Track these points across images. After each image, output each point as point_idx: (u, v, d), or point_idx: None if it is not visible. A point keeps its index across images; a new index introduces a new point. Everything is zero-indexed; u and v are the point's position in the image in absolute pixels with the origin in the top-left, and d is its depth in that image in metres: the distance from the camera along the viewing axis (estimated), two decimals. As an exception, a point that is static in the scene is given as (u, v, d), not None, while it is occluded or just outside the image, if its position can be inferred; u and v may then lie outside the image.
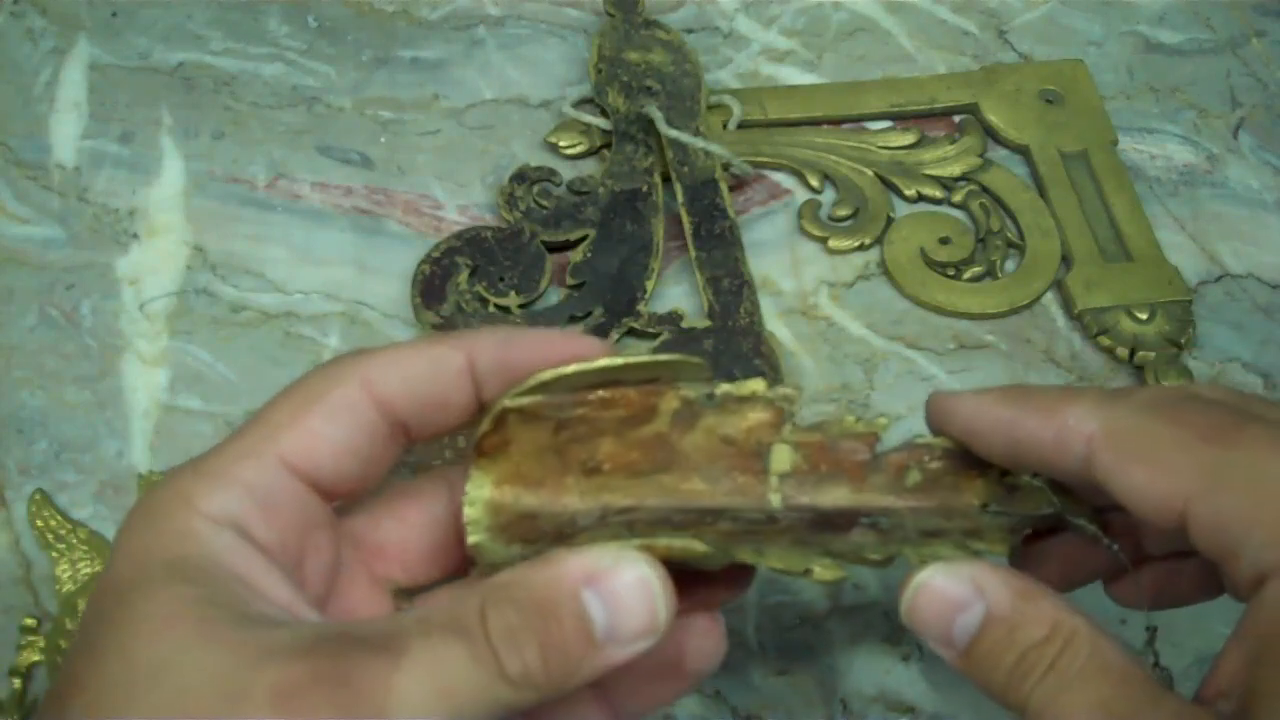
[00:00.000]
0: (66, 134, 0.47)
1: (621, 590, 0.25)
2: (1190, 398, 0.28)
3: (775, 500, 0.30)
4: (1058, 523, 0.31)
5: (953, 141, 0.49)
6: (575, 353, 0.28)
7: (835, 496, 0.31)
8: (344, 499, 0.28)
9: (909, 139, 0.49)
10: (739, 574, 0.29)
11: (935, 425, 0.31)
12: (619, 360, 0.28)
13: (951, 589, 0.27)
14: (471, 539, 0.28)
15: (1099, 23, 0.55)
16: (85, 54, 0.50)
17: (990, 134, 0.50)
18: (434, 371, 0.28)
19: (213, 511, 0.25)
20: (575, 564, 0.25)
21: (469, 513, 0.28)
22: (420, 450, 0.38)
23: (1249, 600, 0.26)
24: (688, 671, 0.28)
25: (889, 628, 0.37)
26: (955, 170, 0.49)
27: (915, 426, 0.33)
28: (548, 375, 0.28)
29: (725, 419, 0.30)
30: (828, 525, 0.31)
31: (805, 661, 0.37)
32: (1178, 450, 0.26)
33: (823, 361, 0.43)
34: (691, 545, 0.27)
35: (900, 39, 0.53)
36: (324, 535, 0.28)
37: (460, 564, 0.30)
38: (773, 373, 0.42)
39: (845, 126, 0.50)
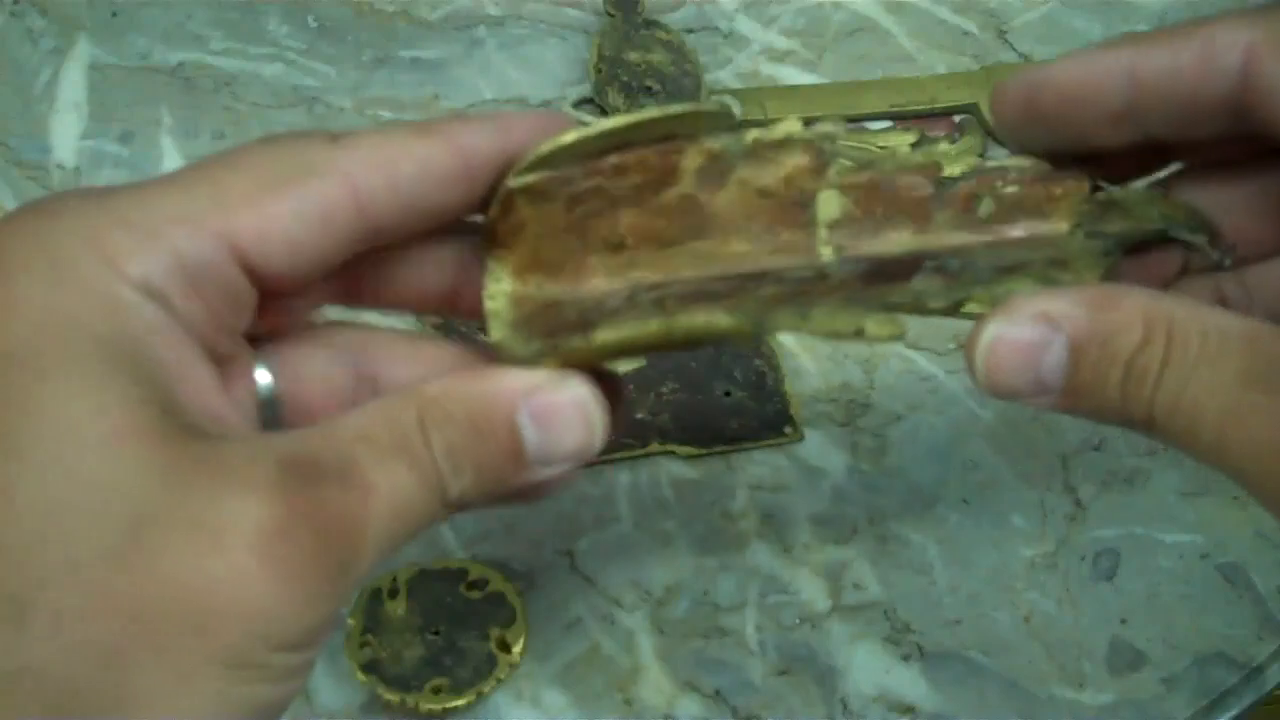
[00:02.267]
0: (66, 134, 0.47)
1: (556, 413, 0.24)
2: None
3: (827, 253, 0.27)
4: (1159, 237, 0.27)
5: (953, 141, 0.49)
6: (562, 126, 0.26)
7: (896, 241, 0.27)
8: (287, 289, 0.25)
9: (909, 139, 0.49)
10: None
11: (1013, 108, 0.27)
12: (624, 120, 0.25)
13: (1022, 334, 0.24)
14: (495, 335, 0.26)
15: (1099, 23, 0.55)
16: (85, 54, 0.50)
17: (990, 134, 0.50)
18: (422, 174, 0.24)
19: (138, 277, 0.22)
20: (511, 382, 0.24)
21: (490, 306, 0.26)
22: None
23: None
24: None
25: (889, 628, 0.37)
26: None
27: (914, 426, 0.33)
28: (546, 148, 0.25)
29: (760, 169, 0.27)
30: (887, 276, 0.27)
31: (805, 661, 0.37)
32: None
33: (823, 361, 0.43)
34: (714, 319, 0.25)
35: (900, 39, 0.53)
36: (238, 316, 0.24)
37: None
38: (773, 372, 0.42)
39: (845, 127, 0.50)
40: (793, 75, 0.52)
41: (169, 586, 0.20)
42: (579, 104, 0.49)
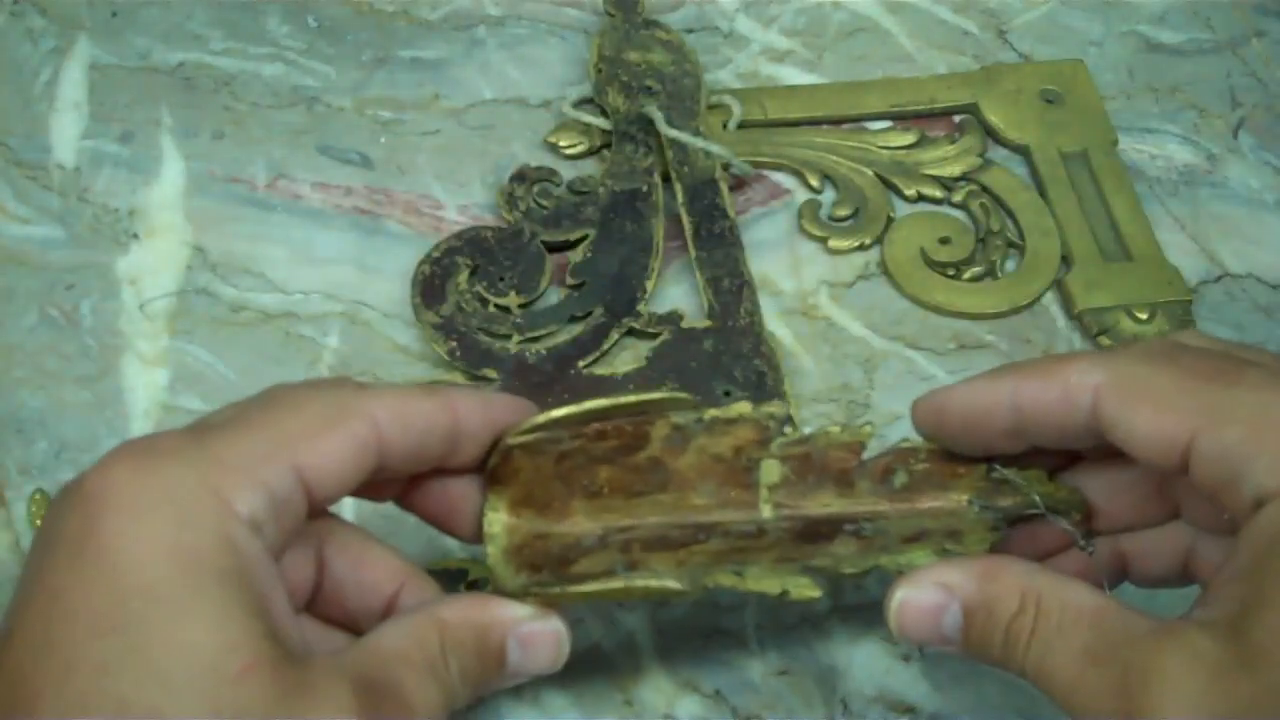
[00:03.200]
0: (66, 134, 0.47)
1: (537, 640, 0.30)
2: (1181, 347, 0.30)
3: (767, 510, 0.32)
4: (1039, 515, 0.32)
5: (953, 141, 0.49)
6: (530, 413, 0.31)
7: (823, 503, 0.32)
8: (317, 513, 0.29)
9: (909, 139, 0.49)
10: None
11: (926, 425, 0.32)
12: (605, 401, 0.31)
13: (925, 598, 0.30)
14: (490, 558, 0.31)
15: (1099, 23, 0.55)
16: (85, 54, 0.50)
17: (990, 134, 0.50)
18: (426, 428, 0.29)
19: (246, 515, 0.26)
20: (509, 613, 0.30)
21: (489, 531, 0.31)
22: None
23: (1245, 524, 0.27)
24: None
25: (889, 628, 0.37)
26: (955, 170, 0.49)
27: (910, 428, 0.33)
28: (541, 418, 0.31)
29: (715, 439, 0.32)
30: (814, 535, 0.32)
31: (805, 661, 0.37)
32: (1182, 392, 0.28)
33: (823, 361, 0.43)
34: (667, 586, 0.30)
35: (900, 39, 0.53)
36: (298, 540, 0.29)
37: None
38: (773, 372, 0.42)
39: (845, 126, 0.50)
40: (793, 75, 0.52)
41: None
42: (579, 104, 0.49)
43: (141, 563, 0.25)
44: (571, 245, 0.45)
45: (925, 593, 0.30)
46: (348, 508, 0.37)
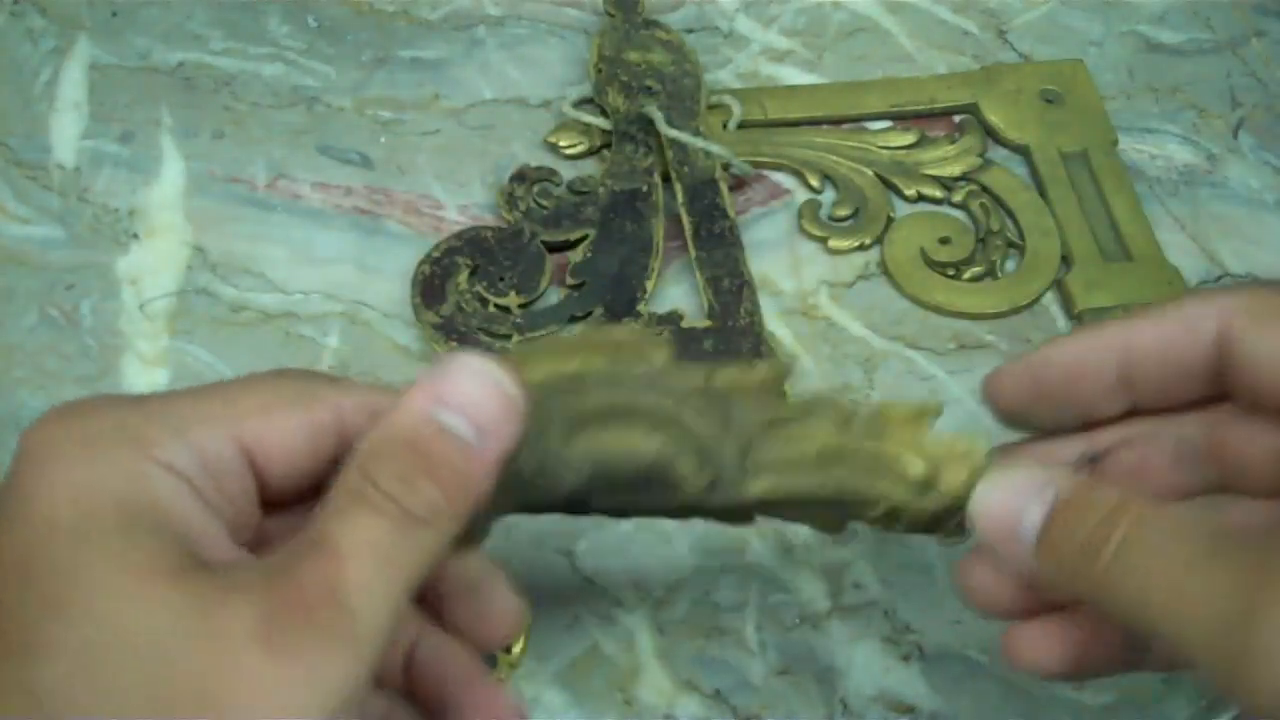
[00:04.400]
0: (66, 134, 0.47)
1: (464, 391, 0.26)
2: None
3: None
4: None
5: (953, 141, 0.49)
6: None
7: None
8: (272, 497, 0.28)
9: (909, 139, 0.49)
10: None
11: (1016, 395, 0.30)
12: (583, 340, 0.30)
13: (1014, 489, 0.28)
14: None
15: (1099, 23, 0.55)
16: (85, 54, 0.50)
17: (990, 134, 0.50)
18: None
19: (163, 459, 0.25)
20: (419, 392, 0.26)
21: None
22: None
23: None
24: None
25: (889, 628, 0.37)
26: (955, 170, 0.49)
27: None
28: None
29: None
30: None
31: (805, 661, 0.37)
32: None
33: (823, 361, 0.43)
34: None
35: (900, 39, 0.53)
36: (252, 520, 0.27)
37: None
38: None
39: (845, 126, 0.50)
40: (793, 75, 0.52)
41: (193, 694, 0.22)
42: (579, 104, 0.49)
43: (49, 502, 0.24)
44: (571, 245, 0.45)
45: (1015, 483, 0.28)
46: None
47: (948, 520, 0.30)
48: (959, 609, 0.38)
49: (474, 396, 0.26)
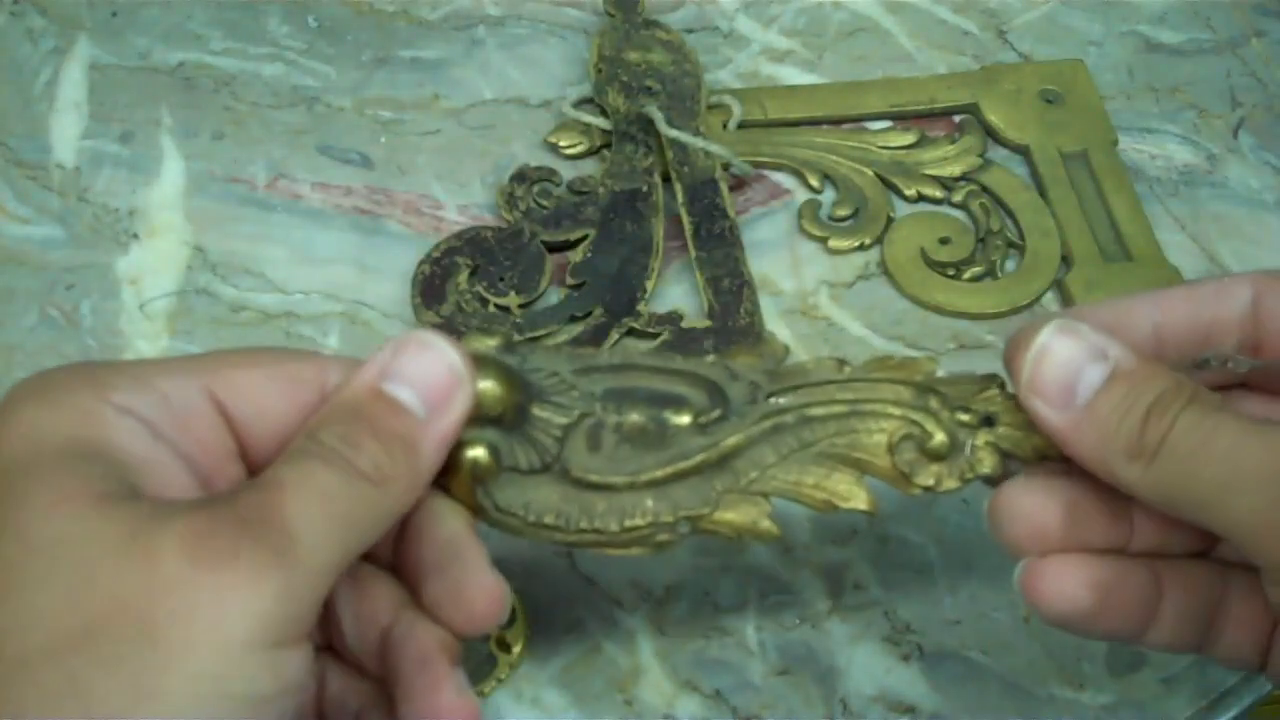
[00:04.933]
0: (66, 134, 0.47)
1: (408, 362, 0.27)
2: None
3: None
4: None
5: (953, 141, 0.49)
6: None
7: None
8: (252, 450, 0.28)
9: (909, 139, 0.49)
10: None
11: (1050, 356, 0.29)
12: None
13: (1077, 344, 0.28)
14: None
15: (1099, 23, 0.55)
16: (85, 54, 0.50)
17: (990, 134, 0.50)
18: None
19: (122, 403, 0.25)
20: (367, 367, 0.27)
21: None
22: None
23: None
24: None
25: (889, 628, 0.37)
26: (955, 170, 0.49)
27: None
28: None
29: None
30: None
31: (805, 661, 0.37)
32: None
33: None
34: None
35: (900, 39, 0.53)
36: (231, 466, 0.27)
37: None
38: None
39: (845, 126, 0.50)
40: (793, 75, 0.52)
41: (117, 609, 0.22)
42: (579, 104, 0.49)
43: (6, 442, 0.24)
44: (571, 245, 0.45)
45: (1077, 340, 0.28)
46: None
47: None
48: (959, 609, 0.38)
49: (423, 371, 0.27)
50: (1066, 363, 0.28)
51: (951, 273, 0.46)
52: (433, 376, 0.27)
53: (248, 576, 0.23)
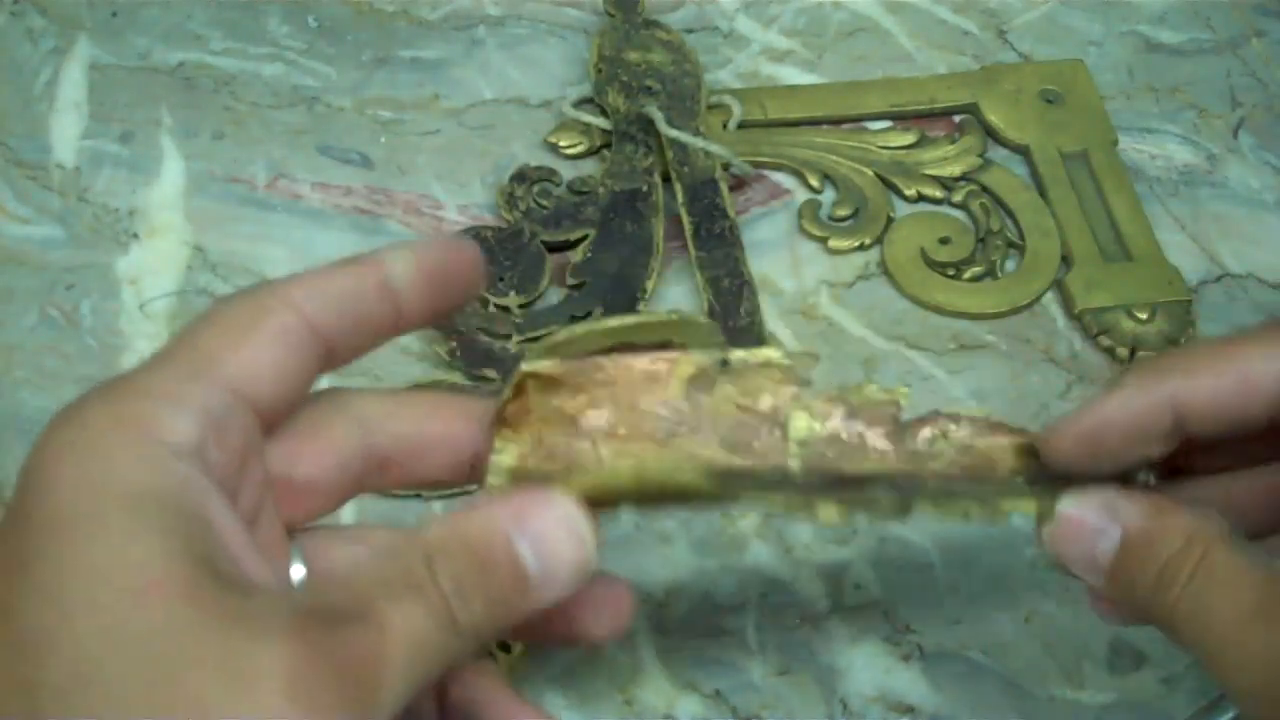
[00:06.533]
0: (66, 134, 0.47)
1: (548, 533, 0.26)
2: None
3: (794, 465, 0.30)
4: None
5: (953, 141, 0.49)
6: (473, 257, 0.29)
7: (856, 462, 0.30)
8: (272, 423, 0.27)
9: (909, 139, 0.49)
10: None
11: (1080, 453, 0.30)
12: (630, 320, 0.29)
13: (1088, 517, 0.29)
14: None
15: (1099, 23, 0.55)
16: (85, 54, 0.50)
17: (990, 134, 0.50)
18: (357, 290, 0.27)
19: (173, 439, 0.24)
20: (501, 509, 0.26)
21: (493, 481, 0.29)
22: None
23: None
24: (581, 638, 0.29)
25: (889, 628, 0.37)
26: (955, 170, 0.49)
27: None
28: (561, 336, 0.28)
29: (742, 386, 0.30)
30: (844, 485, 0.30)
31: (805, 661, 0.37)
32: None
33: (823, 361, 0.43)
34: (684, 477, 0.28)
35: (900, 39, 0.53)
36: (257, 461, 0.27)
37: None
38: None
39: (845, 126, 0.50)
40: (793, 75, 0.52)
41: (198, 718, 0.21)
42: (579, 104, 0.49)
43: (51, 500, 0.23)
44: (571, 245, 0.45)
45: (1090, 511, 0.29)
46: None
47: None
48: (959, 609, 0.38)
49: (554, 539, 0.26)
50: (1080, 538, 0.29)
51: (951, 273, 0.46)
52: (562, 548, 0.26)
53: None
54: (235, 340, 0.26)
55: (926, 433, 0.31)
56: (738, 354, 0.30)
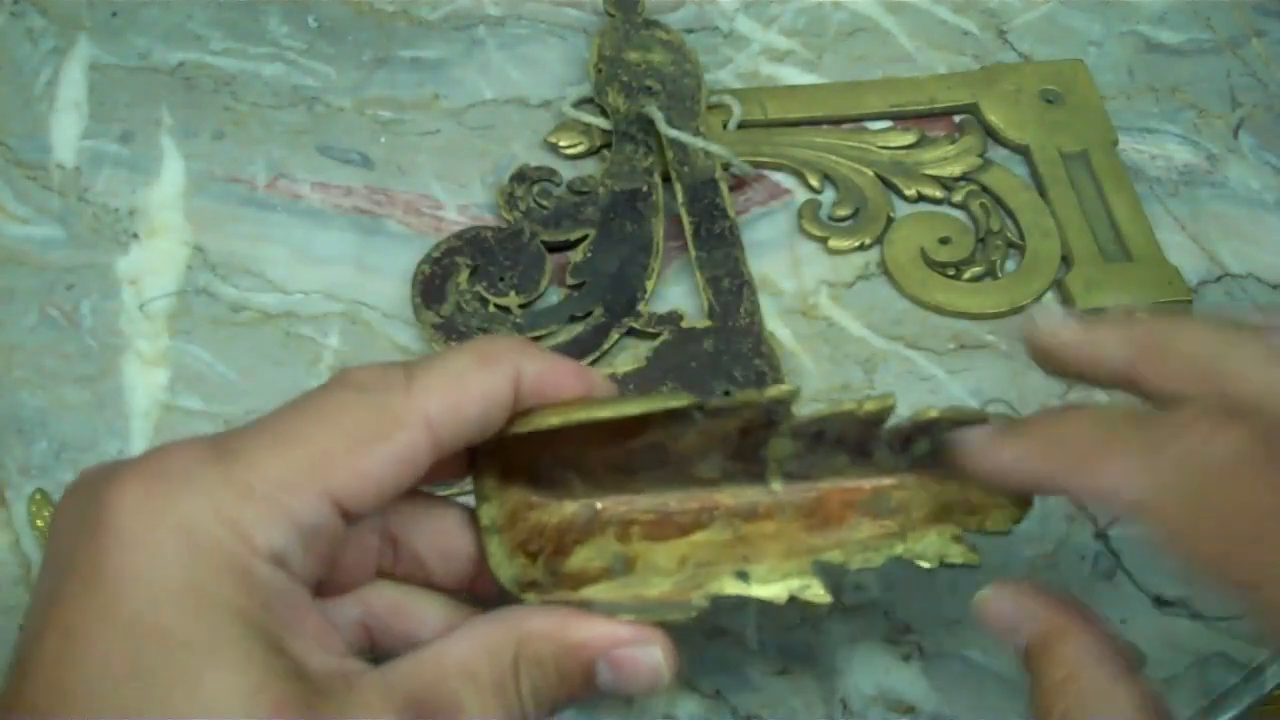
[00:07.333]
0: (66, 134, 0.47)
1: (632, 665, 0.27)
2: (1237, 455, 0.26)
3: (776, 483, 0.31)
4: None
5: (953, 141, 0.49)
6: (591, 387, 0.29)
7: (836, 472, 0.31)
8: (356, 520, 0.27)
9: (909, 139, 0.49)
10: None
11: (1041, 340, 0.31)
12: (627, 410, 0.29)
13: (1005, 611, 0.31)
14: (488, 544, 0.29)
15: (1099, 23, 0.55)
16: (85, 54, 0.50)
17: (990, 134, 0.50)
18: (487, 409, 0.27)
19: (265, 548, 0.24)
20: (600, 636, 0.27)
21: (484, 510, 0.29)
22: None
23: None
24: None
25: (889, 628, 0.37)
26: (955, 170, 0.49)
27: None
28: (556, 421, 0.28)
29: (720, 423, 0.30)
30: (825, 517, 0.31)
31: (805, 661, 0.37)
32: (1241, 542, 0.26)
33: (823, 361, 0.43)
34: (672, 615, 0.29)
35: (900, 39, 0.53)
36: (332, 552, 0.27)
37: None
38: (773, 372, 0.42)
39: (845, 126, 0.50)
40: (793, 75, 0.52)
41: None
42: (579, 104, 0.49)
43: (155, 603, 0.23)
44: (571, 245, 0.45)
45: (1007, 607, 0.31)
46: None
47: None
48: (959, 609, 0.38)
49: (634, 674, 0.28)
50: (1000, 621, 0.31)
51: (951, 273, 0.46)
52: (638, 685, 0.28)
53: None
54: (355, 450, 0.25)
55: (909, 437, 0.31)
56: (713, 403, 0.30)
